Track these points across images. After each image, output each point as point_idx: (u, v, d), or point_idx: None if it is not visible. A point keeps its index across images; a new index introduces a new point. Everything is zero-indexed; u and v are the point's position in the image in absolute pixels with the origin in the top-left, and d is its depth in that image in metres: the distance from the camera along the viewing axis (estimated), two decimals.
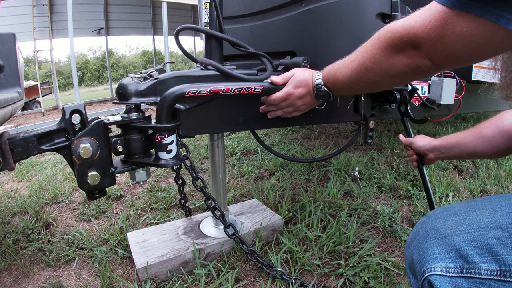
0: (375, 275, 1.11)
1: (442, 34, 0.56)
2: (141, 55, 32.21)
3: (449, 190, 1.71)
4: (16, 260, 1.25)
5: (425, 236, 0.56)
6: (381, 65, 0.70)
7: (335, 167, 2.06)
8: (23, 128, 5.98)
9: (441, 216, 0.58)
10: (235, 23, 1.46)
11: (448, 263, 0.51)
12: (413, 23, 0.59)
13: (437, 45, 0.58)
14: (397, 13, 1.37)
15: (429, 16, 0.57)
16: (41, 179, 2.12)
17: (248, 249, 1.12)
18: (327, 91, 0.91)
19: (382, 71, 0.71)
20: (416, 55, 0.63)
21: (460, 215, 0.55)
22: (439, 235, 0.54)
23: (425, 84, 1.48)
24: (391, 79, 0.73)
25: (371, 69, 0.72)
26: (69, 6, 6.73)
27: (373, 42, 0.70)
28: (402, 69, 0.67)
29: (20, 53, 0.96)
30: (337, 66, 0.85)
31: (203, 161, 2.45)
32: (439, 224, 0.56)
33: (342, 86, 0.86)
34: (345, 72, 0.81)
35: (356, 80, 0.79)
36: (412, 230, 0.62)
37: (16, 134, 0.79)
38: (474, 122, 3.32)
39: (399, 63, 0.66)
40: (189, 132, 1.02)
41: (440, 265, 0.51)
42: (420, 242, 0.57)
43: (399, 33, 0.62)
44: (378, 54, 0.69)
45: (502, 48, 0.57)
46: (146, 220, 1.53)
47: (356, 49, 0.78)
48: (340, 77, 0.84)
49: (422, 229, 0.58)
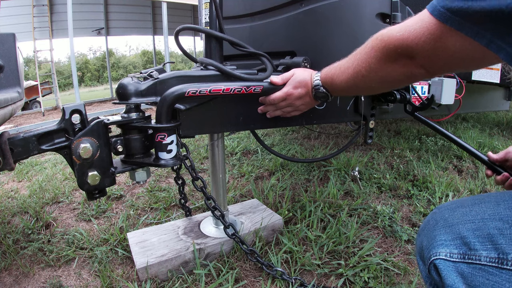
0: (375, 275, 1.11)
1: (436, 47, 0.57)
2: (141, 55, 32.22)
3: (449, 190, 1.71)
4: (16, 260, 1.25)
5: (434, 225, 0.60)
6: (376, 73, 0.71)
7: (335, 167, 2.06)
8: (23, 128, 5.98)
9: (450, 208, 0.61)
10: (235, 23, 1.46)
11: (453, 249, 0.55)
12: (407, 34, 0.60)
13: (431, 57, 0.59)
14: (397, 13, 1.37)
15: (423, 28, 0.57)
16: (41, 179, 2.12)
17: (248, 249, 1.12)
18: (325, 92, 0.92)
19: (378, 78, 0.72)
20: (411, 64, 0.64)
21: (467, 207, 0.59)
22: (447, 224, 0.58)
23: (425, 84, 1.48)
24: (388, 84, 0.75)
25: (367, 76, 0.73)
26: (69, 6, 6.73)
27: (367, 51, 0.71)
28: (398, 76, 0.68)
29: (20, 53, 0.96)
30: (334, 69, 0.86)
31: (203, 161, 2.45)
32: (447, 214, 0.60)
33: (339, 89, 0.87)
34: (342, 77, 0.82)
35: (353, 85, 0.80)
36: (424, 220, 0.66)
37: (16, 134, 0.79)
38: (474, 122, 3.32)
39: (394, 72, 0.68)
40: (189, 132, 1.02)
41: (445, 250, 0.55)
42: (430, 230, 0.60)
43: (393, 44, 0.63)
44: (373, 64, 0.70)
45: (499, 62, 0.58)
46: (146, 220, 1.53)
47: (351, 55, 0.78)
48: (337, 81, 0.85)
49: (432, 219, 0.62)
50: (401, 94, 1.34)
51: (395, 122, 3.34)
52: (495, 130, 3.00)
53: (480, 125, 3.20)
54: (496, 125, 3.22)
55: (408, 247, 1.28)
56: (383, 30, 0.66)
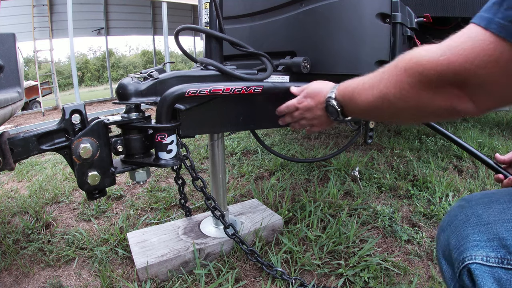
0: (375, 275, 1.11)
1: (493, 72, 0.44)
2: (141, 55, 32.22)
3: (449, 190, 1.71)
4: (16, 260, 1.25)
5: (465, 221, 0.53)
6: (407, 102, 0.57)
7: (335, 167, 2.06)
8: (23, 128, 5.98)
9: (483, 202, 0.53)
10: (235, 23, 1.46)
11: (489, 252, 0.48)
12: (453, 57, 0.47)
13: (487, 86, 0.46)
14: (397, 13, 1.37)
15: (475, 48, 0.45)
16: (41, 179, 2.12)
17: (248, 249, 1.12)
18: (335, 106, 0.77)
19: (408, 108, 0.58)
20: (457, 95, 0.50)
21: (504, 204, 0.52)
22: (481, 222, 0.51)
23: None
24: (420, 118, 0.62)
25: (394, 103, 0.59)
26: (69, 6, 6.73)
27: (398, 73, 0.56)
28: (436, 110, 0.54)
29: (20, 53, 0.97)
30: (355, 84, 0.71)
31: (203, 161, 2.45)
32: (481, 210, 0.53)
33: (358, 110, 0.72)
34: (364, 95, 0.67)
35: (375, 109, 0.66)
36: (448, 213, 0.58)
37: (16, 134, 0.79)
38: (474, 122, 3.32)
39: (432, 104, 0.53)
40: (189, 132, 1.02)
41: (481, 253, 0.48)
42: (459, 227, 0.53)
43: (434, 69, 0.49)
44: (405, 90, 0.55)
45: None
46: (146, 220, 1.53)
47: (378, 71, 0.64)
48: (358, 99, 0.69)
49: (461, 213, 0.54)
50: None
51: None
52: (495, 130, 3.00)
53: (480, 125, 3.20)
54: (496, 125, 3.21)
55: (408, 247, 1.28)
56: (418, 50, 0.53)
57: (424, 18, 1.57)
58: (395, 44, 1.40)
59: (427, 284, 1.08)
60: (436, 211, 1.50)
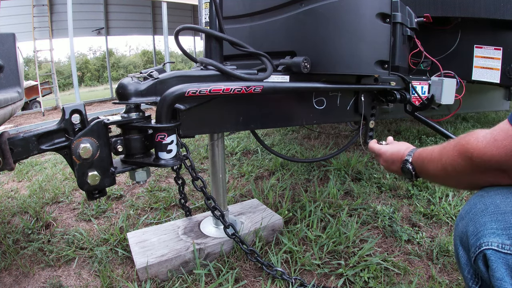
0: (375, 275, 1.11)
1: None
2: (141, 55, 32.20)
3: (449, 190, 1.71)
4: (16, 260, 1.25)
5: (483, 210, 0.57)
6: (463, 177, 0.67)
7: (335, 167, 2.06)
8: (23, 128, 5.98)
9: (502, 193, 0.57)
10: (235, 23, 1.46)
11: (505, 240, 0.51)
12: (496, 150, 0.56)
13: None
14: (397, 13, 1.37)
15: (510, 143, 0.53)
16: (41, 179, 2.12)
17: (248, 249, 1.12)
18: (411, 169, 0.87)
19: (465, 181, 0.69)
20: (500, 176, 0.59)
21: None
22: (499, 211, 0.54)
23: (425, 84, 1.48)
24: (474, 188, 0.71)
25: (454, 177, 0.70)
26: (69, 6, 6.72)
27: (454, 154, 0.66)
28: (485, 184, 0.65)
29: (20, 53, 0.96)
30: (426, 153, 0.81)
31: (203, 161, 2.45)
32: (499, 200, 0.56)
33: (427, 176, 0.84)
34: (431, 166, 0.78)
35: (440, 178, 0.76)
36: (467, 202, 0.63)
37: (16, 134, 0.79)
38: (474, 122, 3.32)
39: (482, 180, 0.63)
40: (189, 132, 1.02)
41: (497, 240, 0.52)
42: (477, 215, 0.57)
43: (481, 158, 0.58)
44: (461, 172, 0.66)
45: None
46: (146, 220, 1.53)
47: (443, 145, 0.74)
48: (426, 167, 0.80)
49: (480, 202, 0.59)
50: (401, 94, 1.34)
51: (395, 122, 3.34)
52: None
53: (480, 125, 3.20)
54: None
55: (408, 247, 1.28)
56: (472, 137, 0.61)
57: (424, 18, 1.57)
58: (395, 44, 1.40)
59: (427, 284, 1.08)
60: (436, 211, 1.50)
